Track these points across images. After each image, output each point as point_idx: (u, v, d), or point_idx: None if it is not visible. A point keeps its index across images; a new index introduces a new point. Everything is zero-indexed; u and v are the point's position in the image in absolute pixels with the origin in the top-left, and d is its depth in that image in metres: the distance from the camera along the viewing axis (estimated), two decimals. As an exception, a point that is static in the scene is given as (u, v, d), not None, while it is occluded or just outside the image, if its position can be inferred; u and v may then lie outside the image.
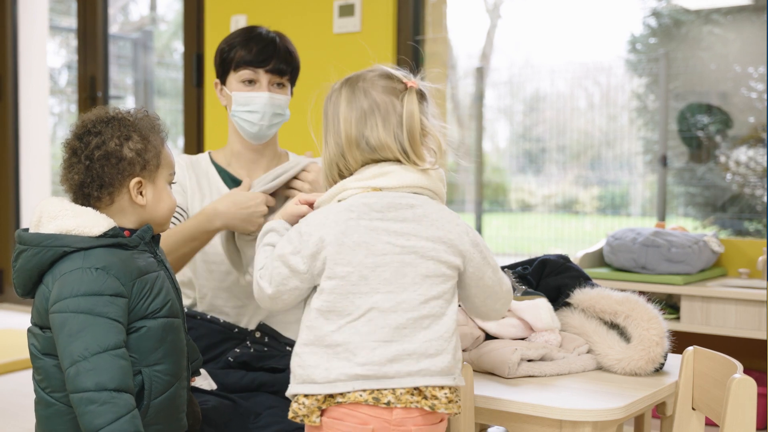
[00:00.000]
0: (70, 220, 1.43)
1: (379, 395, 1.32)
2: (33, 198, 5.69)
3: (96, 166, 1.46)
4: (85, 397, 1.33)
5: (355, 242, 1.35)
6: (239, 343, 2.01)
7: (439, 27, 3.98)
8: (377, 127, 1.40)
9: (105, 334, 1.36)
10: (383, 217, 1.37)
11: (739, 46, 3.98)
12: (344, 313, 1.34)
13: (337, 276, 1.35)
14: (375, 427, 1.32)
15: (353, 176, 1.43)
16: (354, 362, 1.32)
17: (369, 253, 1.35)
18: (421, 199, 1.40)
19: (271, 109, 2.05)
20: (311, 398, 1.34)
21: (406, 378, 1.32)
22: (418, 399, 1.33)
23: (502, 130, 5.47)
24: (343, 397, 1.32)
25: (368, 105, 1.41)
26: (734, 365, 1.41)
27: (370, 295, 1.34)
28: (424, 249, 1.36)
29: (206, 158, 2.17)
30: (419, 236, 1.36)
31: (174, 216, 2.02)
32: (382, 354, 1.32)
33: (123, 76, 6.61)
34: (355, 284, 1.35)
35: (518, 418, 1.48)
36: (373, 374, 1.32)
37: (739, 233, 3.98)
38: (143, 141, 1.49)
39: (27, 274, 1.45)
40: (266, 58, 2.05)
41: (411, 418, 1.33)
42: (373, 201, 1.37)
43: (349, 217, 1.37)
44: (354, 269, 1.35)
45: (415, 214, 1.38)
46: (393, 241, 1.35)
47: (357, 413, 1.32)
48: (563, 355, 1.65)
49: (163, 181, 1.52)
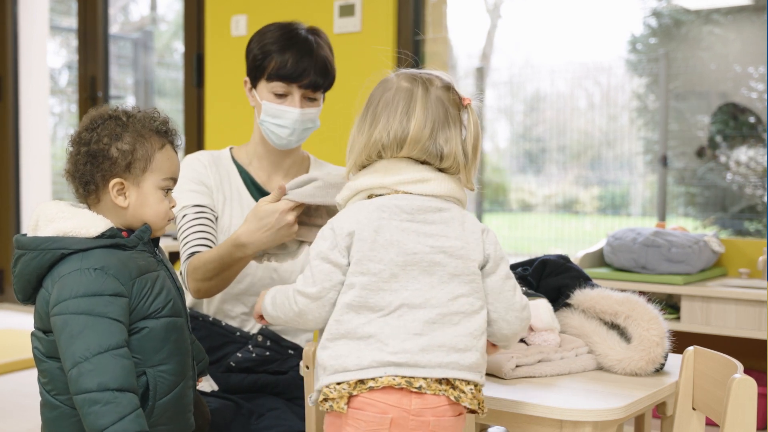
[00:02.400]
0: (68, 222, 1.43)
1: (411, 380, 1.33)
2: (33, 198, 5.69)
3: (81, 162, 1.47)
4: (88, 397, 1.33)
5: (387, 240, 1.37)
6: (241, 347, 2.00)
7: (439, 27, 3.98)
8: (453, 139, 1.43)
9: (106, 334, 1.36)
10: (413, 219, 1.39)
11: (740, 46, 3.98)
12: (375, 308, 1.36)
13: (369, 272, 1.37)
14: (394, 416, 1.33)
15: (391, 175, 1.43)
16: (386, 351, 1.34)
17: (400, 252, 1.37)
18: (449, 205, 1.43)
19: (302, 125, 2.00)
20: (343, 384, 1.35)
21: (436, 368, 1.34)
22: (446, 388, 1.35)
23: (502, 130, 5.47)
24: (375, 381, 1.33)
25: (443, 114, 1.43)
26: (734, 365, 1.41)
27: (400, 292, 1.36)
28: (453, 248, 1.39)
29: (228, 156, 2.12)
30: (448, 236, 1.39)
31: (203, 216, 1.98)
32: (414, 344, 1.34)
33: (123, 76, 6.61)
34: (386, 281, 1.37)
35: (518, 418, 1.48)
36: (405, 362, 1.33)
37: (739, 233, 3.98)
38: (133, 142, 1.47)
39: (26, 279, 1.44)
40: (301, 73, 1.96)
41: (430, 408, 1.34)
42: (404, 203, 1.40)
43: (381, 216, 1.39)
44: (386, 267, 1.37)
45: (443, 217, 1.41)
46: (422, 241, 1.38)
47: (377, 403, 1.33)
48: (561, 355, 1.65)
49: (150, 185, 1.49)
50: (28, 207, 5.66)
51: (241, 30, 4.39)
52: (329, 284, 1.39)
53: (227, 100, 4.47)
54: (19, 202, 5.72)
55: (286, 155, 2.10)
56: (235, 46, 4.40)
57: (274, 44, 1.99)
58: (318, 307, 1.40)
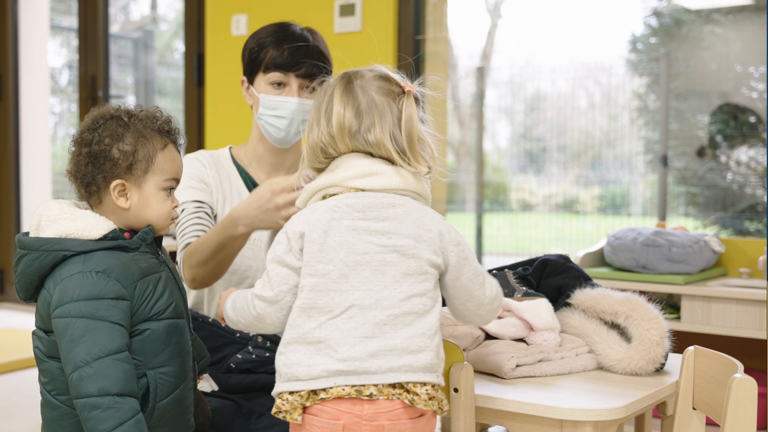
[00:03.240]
0: (70, 224, 1.42)
1: (361, 388, 1.33)
2: (33, 197, 5.69)
3: (83, 163, 1.46)
4: (88, 402, 1.32)
5: (336, 241, 1.37)
6: (241, 348, 2.00)
7: (439, 26, 3.98)
8: (375, 126, 1.42)
9: (107, 338, 1.35)
10: (365, 216, 1.38)
11: (740, 46, 3.98)
12: (325, 310, 1.36)
13: (318, 273, 1.36)
14: (346, 422, 1.33)
15: (340, 171, 1.43)
16: (335, 358, 1.33)
17: (350, 252, 1.36)
18: (403, 200, 1.41)
19: (300, 115, 1.98)
20: (295, 395, 1.36)
21: (388, 373, 1.33)
22: (399, 392, 1.34)
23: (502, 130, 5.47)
24: (326, 392, 1.34)
25: (365, 102, 1.43)
26: (735, 365, 1.41)
27: (351, 292, 1.35)
28: (405, 247, 1.37)
29: (227, 156, 2.11)
30: (400, 234, 1.37)
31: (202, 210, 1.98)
32: (363, 349, 1.33)
33: (124, 76, 6.61)
34: (335, 282, 1.36)
35: (519, 417, 1.48)
36: (354, 370, 1.33)
37: (739, 233, 3.98)
38: (134, 143, 1.46)
39: (28, 279, 1.44)
40: (298, 61, 1.96)
41: (384, 412, 1.34)
42: (355, 201, 1.39)
43: (332, 217, 1.38)
44: (335, 267, 1.36)
45: (396, 213, 1.39)
46: (374, 240, 1.37)
47: (329, 409, 1.34)
48: (561, 355, 1.65)
49: (152, 186, 1.48)
50: (29, 206, 5.67)
51: (241, 29, 4.39)
52: (285, 287, 1.39)
53: (228, 99, 4.47)
54: (19, 202, 5.72)
55: (286, 155, 2.09)
56: (235, 46, 4.40)
57: (269, 37, 1.99)
58: (275, 310, 1.40)
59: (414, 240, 1.37)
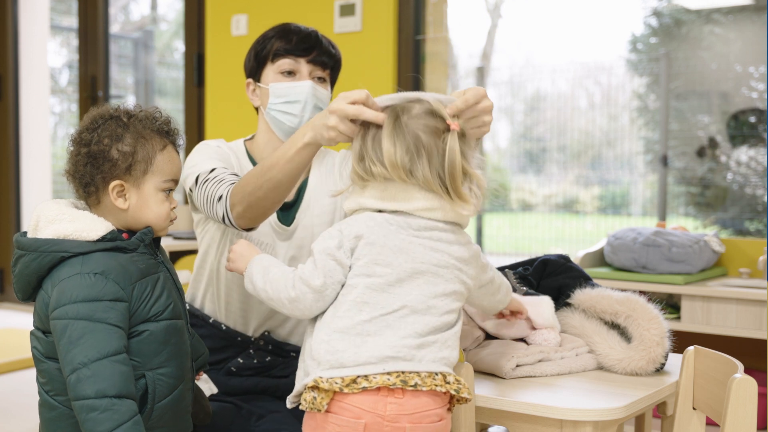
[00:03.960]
0: (68, 225, 1.42)
1: (406, 378, 1.34)
2: (33, 197, 5.69)
3: (81, 163, 1.46)
4: (86, 404, 1.32)
5: (396, 246, 1.40)
6: (241, 351, 1.98)
7: (439, 26, 3.98)
8: (424, 166, 1.42)
9: (105, 340, 1.35)
10: (419, 234, 1.42)
11: (740, 46, 3.98)
12: (378, 306, 1.38)
13: (375, 275, 1.39)
14: (368, 421, 1.34)
15: (398, 200, 1.43)
16: (384, 345, 1.35)
17: (409, 259, 1.40)
18: (450, 227, 1.45)
19: (314, 100, 1.92)
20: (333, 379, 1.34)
21: (430, 363, 1.36)
22: (441, 383, 1.36)
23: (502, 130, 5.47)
24: (368, 381, 1.33)
25: (413, 143, 1.42)
26: (735, 365, 1.41)
27: (404, 296, 1.39)
28: (453, 268, 1.43)
29: (242, 150, 2.02)
30: (451, 255, 1.43)
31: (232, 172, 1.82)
32: (412, 341, 1.36)
33: (124, 76, 6.61)
34: (392, 285, 1.39)
35: (519, 417, 1.48)
36: (403, 356, 1.35)
37: (739, 233, 3.98)
38: (134, 144, 1.46)
39: (26, 279, 1.44)
40: (308, 47, 1.93)
41: (406, 414, 1.34)
42: (411, 221, 1.42)
43: (389, 227, 1.41)
44: (393, 271, 1.39)
45: (447, 237, 1.44)
46: (429, 253, 1.41)
47: (352, 407, 1.34)
48: (561, 355, 1.65)
49: (151, 187, 1.48)
50: (29, 206, 5.67)
51: (241, 30, 4.39)
52: (331, 281, 1.41)
53: (228, 99, 4.47)
54: (19, 202, 5.72)
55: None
56: (235, 46, 4.40)
57: (273, 32, 1.96)
58: (315, 300, 1.41)
59: (459, 262, 1.44)
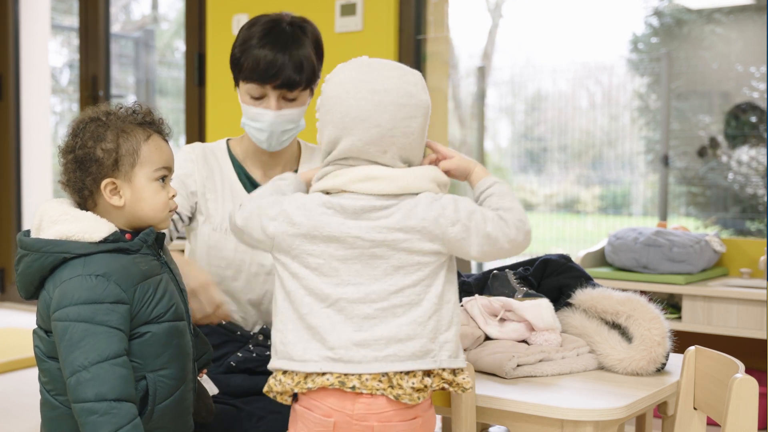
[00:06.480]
0: (71, 225, 1.41)
1: (345, 379, 1.34)
2: (34, 197, 5.69)
3: (71, 170, 1.46)
4: (85, 407, 1.32)
5: (326, 235, 1.38)
6: (241, 346, 1.99)
7: (440, 26, 3.97)
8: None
9: (105, 343, 1.35)
10: (357, 217, 1.39)
11: (741, 46, 3.98)
12: (318, 299, 1.38)
13: (309, 266, 1.39)
14: (337, 420, 1.35)
15: (342, 172, 1.42)
16: (325, 345, 1.36)
17: (340, 246, 1.38)
18: (399, 199, 1.40)
19: (280, 126, 1.96)
20: (288, 376, 1.38)
21: (372, 363, 1.34)
22: (384, 387, 1.35)
23: (503, 130, 5.47)
24: (313, 381, 1.35)
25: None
26: (736, 365, 1.41)
27: (341, 286, 1.37)
28: (396, 241, 1.37)
29: (223, 149, 2.08)
30: (391, 228, 1.38)
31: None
32: (349, 339, 1.35)
33: (125, 75, 6.62)
34: (326, 275, 1.38)
35: (519, 417, 1.48)
36: (340, 357, 1.35)
37: (740, 233, 3.98)
38: (116, 139, 1.45)
39: (29, 279, 1.44)
40: (274, 73, 1.89)
41: (375, 413, 1.34)
42: (349, 203, 1.39)
43: (324, 212, 1.39)
44: (325, 261, 1.38)
45: (389, 212, 1.39)
46: (364, 235, 1.38)
47: (322, 405, 1.36)
48: (562, 355, 1.65)
49: (143, 179, 1.46)
50: (29, 206, 5.66)
51: (242, 29, 4.38)
52: (249, 233, 1.44)
53: (228, 99, 4.47)
54: (20, 201, 5.72)
55: (281, 153, 2.07)
56: (236, 45, 4.40)
57: (251, 40, 1.93)
58: (238, 236, 1.47)
59: (404, 233, 1.37)
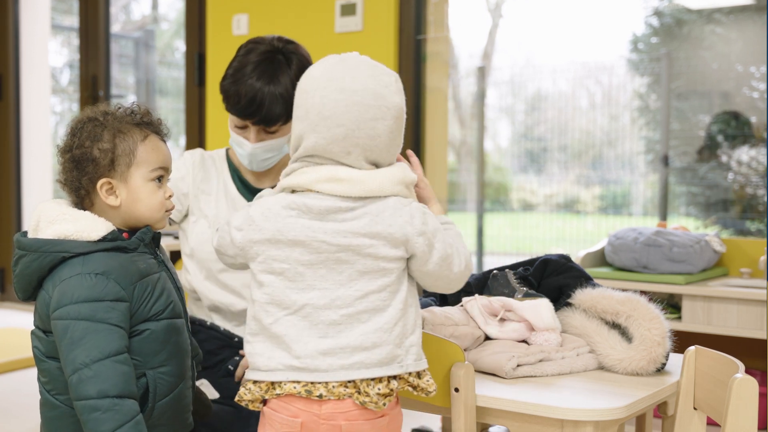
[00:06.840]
0: (69, 225, 1.42)
1: (311, 388, 1.35)
2: (34, 197, 5.69)
3: (68, 170, 1.47)
4: (87, 404, 1.33)
5: (291, 240, 1.37)
6: (238, 352, 2.00)
7: (440, 26, 3.98)
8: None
9: (106, 340, 1.35)
10: (322, 218, 1.38)
11: (741, 46, 3.98)
12: (282, 306, 1.38)
13: (275, 272, 1.38)
14: (304, 420, 1.35)
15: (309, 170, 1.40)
16: (291, 354, 1.36)
17: (305, 251, 1.37)
18: (365, 202, 1.39)
19: (260, 155, 2.00)
20: (257, 385, 1.38)
21: (338, 371, 1.35)
22: (351, 392, 1.35)
23: (503, 130, 5.47)
24: (281, 388, 1.36)
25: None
26: (736, 365, 1.41)
27: (306, 291, 1.37)
28: (361, 246, 1.36)
29: (222, 156, 2.14)
30: (357, 233, 1.36)
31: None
32: (315, 347, 1.35)
33: (125, 75, 6.62)
34: (292, 280, 1.37)
35: (519, 417, 1.48)
36: (305, 367, 1.35)
37: (740, 233, 3.98)
38: (112, 139, 1.45)
39: (27, 279, 1.44)
40: (252, 112, 1.94)
41: (342, 413, 1.35)
42: (314, 203, 1.38)
43: (289, 214, 1.38)
44: (290, 266, 1.37)
45: (355, 215, 1.38)
46: (329, 239, 1.36)
47: (289, 406, 1.36)
48: (562, 355, 1.65)
49: (139, 179, 1.46)
50: (29, 206, 5.66)
51: (242, 29, 4.38)
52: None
53: (228, 99, 4.47)
54: (20, 201, 5.72)
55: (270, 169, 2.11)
56: (236, 45, 4.38)
57: (240, 72, 1.97)
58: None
59: (370, 238, 1.36)
